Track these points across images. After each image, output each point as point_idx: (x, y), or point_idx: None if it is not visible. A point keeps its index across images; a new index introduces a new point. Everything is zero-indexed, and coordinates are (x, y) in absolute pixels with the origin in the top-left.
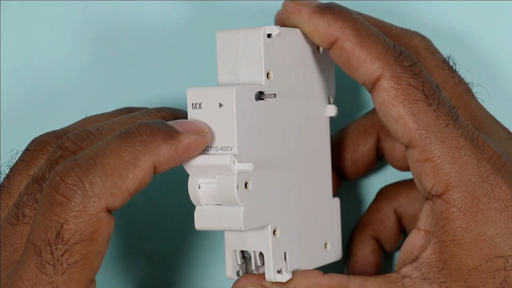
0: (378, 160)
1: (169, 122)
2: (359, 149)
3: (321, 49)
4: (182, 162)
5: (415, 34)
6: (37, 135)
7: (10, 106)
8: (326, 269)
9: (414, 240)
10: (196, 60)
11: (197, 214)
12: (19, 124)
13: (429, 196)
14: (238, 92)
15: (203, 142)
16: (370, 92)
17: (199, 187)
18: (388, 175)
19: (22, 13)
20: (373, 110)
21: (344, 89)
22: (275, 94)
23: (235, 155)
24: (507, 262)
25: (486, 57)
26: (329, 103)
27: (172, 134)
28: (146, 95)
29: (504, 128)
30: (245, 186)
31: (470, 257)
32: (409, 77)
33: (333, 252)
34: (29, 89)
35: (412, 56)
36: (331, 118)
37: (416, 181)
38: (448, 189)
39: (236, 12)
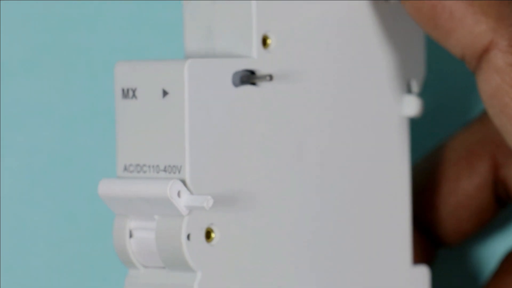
0: (499, 206)
1: None
2: (461, 187)
3: None
4: None
5: None
6: None
7: None
8: None
9: None
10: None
11: (127, 285)
12: None
13: None
14: (196, 71)
15: None
16: (473, 72)
17: (131, 236)
18: None
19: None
20: (484, 114)
21: (432, 68)
22: (270, 76)
23: (183, 181)
24: None
25: None
26: (409, 91)
27: None
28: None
29: None
30: (207, 236)
31: None
32: None
33: None
34: None
35: None
36: (412, 121)
37: None
38: None
39: None
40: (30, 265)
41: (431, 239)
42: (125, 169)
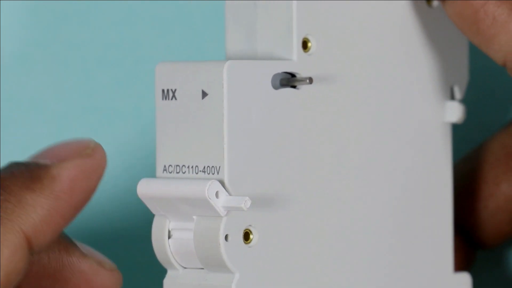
0: None
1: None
2: (500, 191)
3: (435, 2)
4: (76, 212)
5: None
6: None
7: None
8: None
9: None
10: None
11: (166, 285)
12: None
13: None
14: (236, 72)
15: (95, 165)
16: None
17: (170, 237)
18: None
19: None
20: None
21: (474, 73)
22: (310, 79)
23: (222, 181)
24: None
25: None
26: (452, 98)
27: (36, 174)
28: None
29: None
30: (245, 237)
31: None
32: None
33: None
34: None
35: None
36: (454, 127)
37: None
38: None
39: None
40: None
41: (470, 242)
42: (165, 169)
